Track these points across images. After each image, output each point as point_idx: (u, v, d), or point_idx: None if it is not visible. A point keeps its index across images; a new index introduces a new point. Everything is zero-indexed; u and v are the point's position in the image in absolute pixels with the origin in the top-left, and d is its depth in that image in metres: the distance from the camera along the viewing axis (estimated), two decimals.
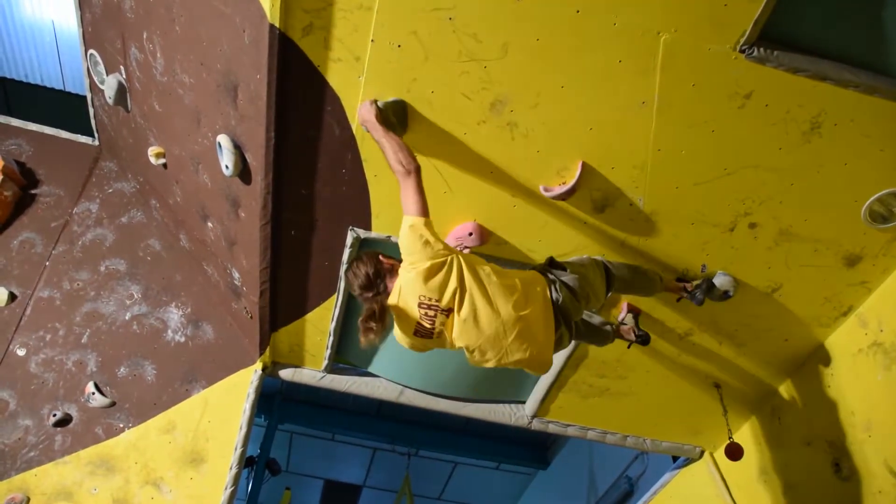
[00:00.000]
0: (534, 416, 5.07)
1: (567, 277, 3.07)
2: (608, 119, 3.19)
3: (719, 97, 3.08)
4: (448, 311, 2.82)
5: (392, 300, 2.84)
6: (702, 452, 5.18)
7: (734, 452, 4.40)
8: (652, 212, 3.55)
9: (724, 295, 3.87)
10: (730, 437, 4.50)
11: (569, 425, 5.13)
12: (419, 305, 2.79)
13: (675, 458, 5.49)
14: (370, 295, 2.85)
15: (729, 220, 3.58)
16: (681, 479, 5.33)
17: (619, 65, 3.00)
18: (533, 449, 11.66)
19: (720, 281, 3.81)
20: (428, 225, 2.82)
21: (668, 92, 3.06)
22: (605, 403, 4.85)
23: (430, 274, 2.78)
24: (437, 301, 2.79)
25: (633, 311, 4.07)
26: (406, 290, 2.81)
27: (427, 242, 2.79)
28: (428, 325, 2.83)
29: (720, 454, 4.86)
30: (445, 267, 2.80)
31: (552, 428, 5.15)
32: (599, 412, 4.96)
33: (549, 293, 2.96)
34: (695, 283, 3.79)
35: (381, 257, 2.92)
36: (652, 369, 4.50)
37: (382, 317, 2.78)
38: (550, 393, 4.81)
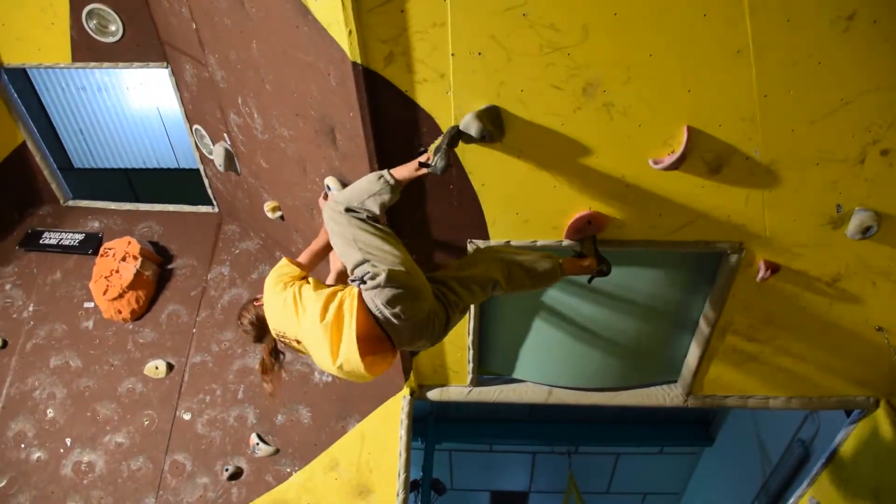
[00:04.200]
0: (688, 394, 4.92)
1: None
2: (705, 77, 3.07)
3: (819, 26, 2.89)
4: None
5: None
6: (877, 402, 4.85)
7: None
8: (772, 161, 3.38)
9: (868, 231, 3.64)
10: None
11: (727, 397, 4.93)
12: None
13: (848, 413, 5.17)
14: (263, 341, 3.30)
15: (857, 151, 3.36)
16: (860, 433, 5.01)
17: (705, 19, 2.88)
18: (694, 427, 11.21)
19: (860, 217, 3.58)
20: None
21: (763, 34, 2.91)
22: (760, 368, 4.63)
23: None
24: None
25: (773, 267, 3.88)
26: None
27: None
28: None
29: None
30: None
31: (709, 402, 4.97)
32: (756, 378, 4.74)
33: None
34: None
35: (254, 302, 3.25)
36: (805, 324, 4.26)
37: (275, 361, 3.37)
38: (701, 367, 4.64)
